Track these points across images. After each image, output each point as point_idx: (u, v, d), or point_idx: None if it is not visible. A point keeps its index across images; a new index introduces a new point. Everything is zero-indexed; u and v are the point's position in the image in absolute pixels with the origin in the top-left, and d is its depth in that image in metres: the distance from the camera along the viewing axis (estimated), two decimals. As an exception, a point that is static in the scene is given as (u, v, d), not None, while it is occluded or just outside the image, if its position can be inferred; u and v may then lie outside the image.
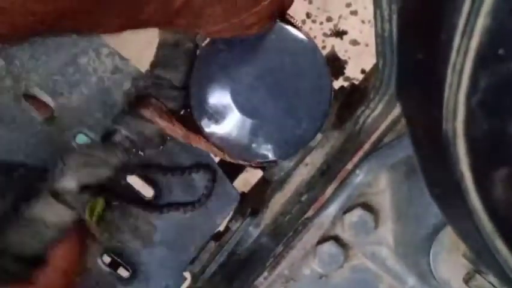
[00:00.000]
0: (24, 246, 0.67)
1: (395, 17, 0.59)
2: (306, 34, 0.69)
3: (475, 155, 0.35)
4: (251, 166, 0.81)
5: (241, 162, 0.74)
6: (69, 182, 0.66)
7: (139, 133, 0.69)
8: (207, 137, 0.68)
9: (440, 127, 0.36)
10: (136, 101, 0.69)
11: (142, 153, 0.74)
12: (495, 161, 0.34)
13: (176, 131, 0.68)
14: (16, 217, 0.67)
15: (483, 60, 0.32)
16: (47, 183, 0.67)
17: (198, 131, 0.69)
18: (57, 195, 0.66)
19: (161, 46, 0.69)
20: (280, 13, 0.68)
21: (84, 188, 0.67)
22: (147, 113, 0.68)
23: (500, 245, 0.36)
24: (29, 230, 0.67)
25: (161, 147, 0.73)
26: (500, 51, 0.31)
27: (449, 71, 0.34)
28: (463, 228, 0.42)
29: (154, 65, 0.69)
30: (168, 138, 0.72)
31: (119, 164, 0.69)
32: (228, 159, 0.71)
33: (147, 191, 0.76)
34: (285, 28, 0.68)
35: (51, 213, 0.66)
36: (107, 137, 0.70)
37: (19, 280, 0.68)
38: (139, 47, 0.72)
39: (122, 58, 0.74)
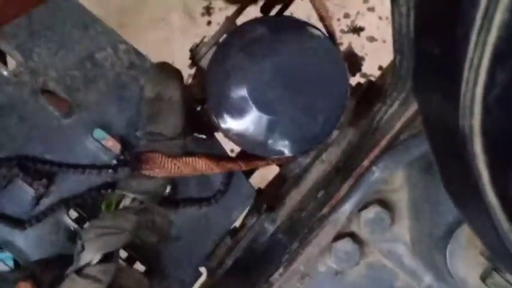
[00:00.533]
0: None
1: (412, 12, 0.59)
2: (330, 29, 0.69)
3: (492, 152, 0.35)
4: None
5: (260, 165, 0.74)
6: (89, 256, 0.67)
7: (146, 192, 0.69)
8: (224, 133, 0.69)
9: (457, 124, 0.36)
10: (135, 161, 0.70)
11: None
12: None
13: (183, 171, 0.69)
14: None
15: (501, 55, 0.32)
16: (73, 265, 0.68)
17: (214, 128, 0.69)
18: (80, 272, 0.67)
19: (145, 103, 0.70)
20: None
21: (105, 259, 0.67)
22: (149, 171, 0.68)
23: (516, 240, 0.36)
24: None
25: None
26: (473, 50, 0.31)
27: (466, 66, 0.34)
28: (479, 226, 0.42)
29: (142, 123, 0.70)
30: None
31: (133, 227, 0.70)
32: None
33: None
34: (301, 24, 0.68)
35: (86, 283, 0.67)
36: (116, 205, 0.70)
37: None
38: (157, 43, 0.72)
39: (139, 54, 0.75)
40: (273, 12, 0.71)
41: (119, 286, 0.70)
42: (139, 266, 0.77)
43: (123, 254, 0.76)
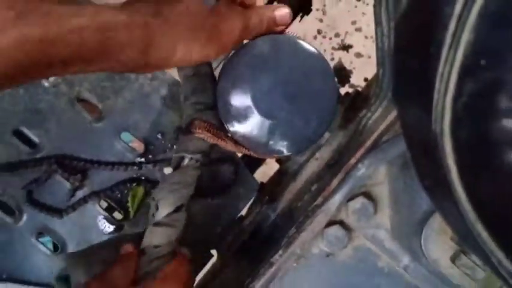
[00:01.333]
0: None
1: (392, 33, 0.58)
2: (316, 48, 0.69)
3: (460, 151, 0.35)
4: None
5: (261, 156, 0.74)
6: (165, 211, 0.67)
7: (200, 151, 0.69)
8: (231, 135, 0.68)
9: (430, 127, 0.36)
10: (187, 127, 0.69)
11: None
12: (477, 157, 0.34)
13: (222, 142, 0.68)
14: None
15: (467, 69, 0.32)
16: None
17: (224, 130, 0.69)
18: (158, 224, 0.67)
19: (185, 79, 0.70)
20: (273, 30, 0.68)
21: (176, 209, 0.68)
22: (200, 134, 0.68)
23: (481, 230, 0.35)
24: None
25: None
26: (482, 62, 0.31)
27: (438, 79, 0.34)
28: (449, 215, 0.41)
29: (187, 96, 0.69)
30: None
31: (195, 181, 0.70)
32: (253, 155, 0.71)
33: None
34: (298, 42, 0.67)
35: (156, 238, 0.67)
36: (177, 166, 0.70)
37: None
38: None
39: (159, 68, 0.75)
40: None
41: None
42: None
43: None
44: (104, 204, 0.78)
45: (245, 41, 0.69)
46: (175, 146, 0.75)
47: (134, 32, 0.53)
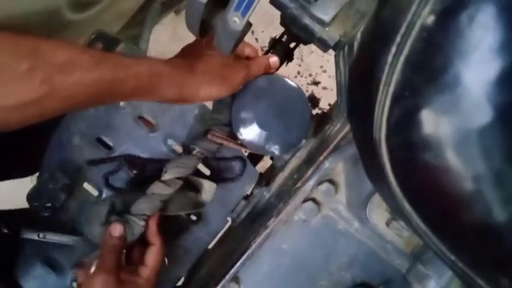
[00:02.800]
0: (144, 208, 0.67)
1: (347, 73, 0.58)
2: (297, 84, 0.69)
3: (392, 152, 0.35)
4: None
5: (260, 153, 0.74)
6: (168, 176, 0.67)
7: (207, 149, 0.70)
8: (240, 140, 0.69)
9: (371, 136, 0.36)
10: (205, 133, 0.70)
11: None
12: (403, 156, 0.34)
13: (230, 144, 0.69)
14: (143, 193, 0.68)
15: (396, 98, 0.32)
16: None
17: (235, 138, 0.69)
18: (164, 182, 0.68)
19: (214, 104, 0.71)
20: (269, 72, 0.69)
21: (177, 178, 0.68)
22: (214, 138, 0.69)
23: (405, 204, 0.35)
24: (149, 198, 0.68)
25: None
26: (406, 93, 0.31)
27: (377, 105, 0.34)
28: (385, 194, 0.41)
29: (212, 114, 0.70)
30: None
31: (196, 166, 0.70)
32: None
33: (206, 171, 0.76)
34: (284, 79, 0.68)
35: (160, 189, 0.67)
36: (188, 151, 0.71)
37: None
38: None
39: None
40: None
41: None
42: (193, 216, 0.76)
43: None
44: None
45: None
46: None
47: (174, 79, 0.55)
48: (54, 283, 0.76)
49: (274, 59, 0.68)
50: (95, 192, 0.77)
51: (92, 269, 0.62)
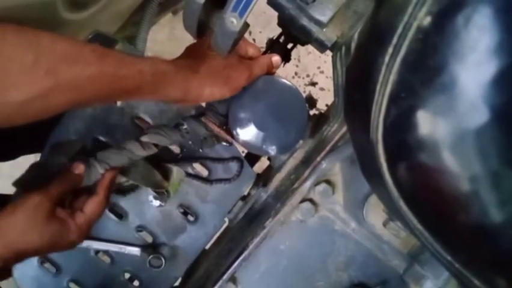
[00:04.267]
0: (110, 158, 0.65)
1: (344, 74, 0.58)
2: (294, 84, 0.69)
3: (389, 153, 0.35)
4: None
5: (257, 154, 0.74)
6: (147, 139, 0.66)
7: (193, 131, 0.69)
8: (238, 141, 0.68)
9: (368, 137, 0.36)
10: (198, 114, 0.70)
11: (201, 150, 0.74)
12: (399, 156, 0.34)
13: (221, 133, 0.68)
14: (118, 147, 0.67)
15: (393, 99, 0.32)
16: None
17: (229, 132, 0.69)
18: (140, 142, 0.66)
19: None
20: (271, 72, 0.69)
21: (154, 145, 0.67)
22: (206, 121, 0.68)
23: (402, 204, 0.35)
24: (118, 151, 0.66)
25: (214, 145, 0.73)
26: (402, 94, 0.31)
27: (373, 105, 0.34)
28: (381, 194, 0.41)
29: (211, 103, 0.70)
30: (217, 142, 0.73)
31: (175, 141, 0.69)
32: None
33: (203, 172, 0.76)
34: (281, 80, 0.68)
35: (134, 148, 0.66)
36: (176, 125, 0.69)
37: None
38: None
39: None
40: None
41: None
42: (190, 217, 0.76)
43: (180, 210, 0.76)
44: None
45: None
46: (201, 150, 0.75)
47: (178, 80, 0.55)
48: (51, 284, 0.76)
49: (276, 58, 0.68)
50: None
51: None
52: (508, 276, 0.31)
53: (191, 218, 0.76)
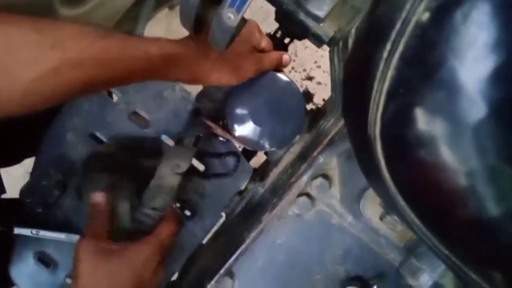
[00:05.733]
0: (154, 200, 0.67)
1: (341, 69, 0.58)
2: (291, 79, 0.69)
3: (386, 148, 0.35)
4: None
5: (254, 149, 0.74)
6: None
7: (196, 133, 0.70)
8: (234, 137, 0.69)
9: (366, 132, 0.36)
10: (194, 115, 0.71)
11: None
12: (397, 152, 0.34)
13: (218, 130, 0.69)
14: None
15: (390, 95, 0.32)
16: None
17: (229, 132, 0.69)
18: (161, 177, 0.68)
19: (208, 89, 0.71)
20: (278, 68, 0.68)
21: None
22: (209, 123, 0.70)
23: (399, 199, 0.36)
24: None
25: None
26: (400, 90, 0.31)
27: (371, 101, 0.34)
28: (378, 189, 0.41)
29: (202, 95, 0.71)
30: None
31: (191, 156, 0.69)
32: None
33: (200, 167, 0.76)
34: (278, 75, 0.68)
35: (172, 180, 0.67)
36: (179, 141, 0.71)
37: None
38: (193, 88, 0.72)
39: (186, 92, 0.74)
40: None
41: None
42: (187, 212, 0.76)
43: (177, 205, 0.76)
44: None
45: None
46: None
47: (186, 62, 0.54)
48: (48, 280, 0.76)
49: (286, 57, 0.68)
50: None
51: None
52: (504, 270, 0.31)
53: (188, 213, 0.76)
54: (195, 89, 0.74)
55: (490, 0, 0.27)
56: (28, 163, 0.76)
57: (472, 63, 0.27)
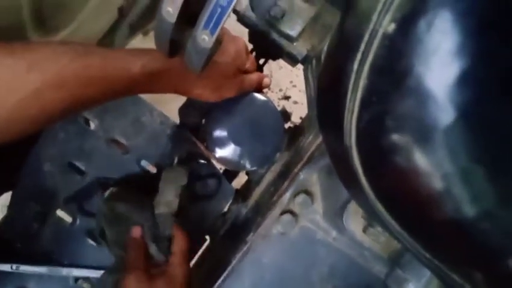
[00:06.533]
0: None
1: (315, 86, 0.60)
2: (269, 99, 0.70)
3: (363, 157, 0.36)
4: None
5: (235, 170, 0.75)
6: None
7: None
8: (215, 158, 0.69)
9: (342, 144, 0.36)
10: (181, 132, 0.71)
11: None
12: (374, 160, 0.35)
13: (203, 147, 0.70)
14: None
15: (364, 104, 0.33)
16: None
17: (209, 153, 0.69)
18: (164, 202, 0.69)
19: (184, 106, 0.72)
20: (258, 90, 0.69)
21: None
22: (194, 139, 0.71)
23: (379, 206, 0.36)
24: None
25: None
26: (373, 99, 0.32)
27: (346, 112, 0.35)
28: (359, 199, 0.42)
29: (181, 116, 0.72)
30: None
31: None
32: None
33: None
34: (256, 96, 0.69)
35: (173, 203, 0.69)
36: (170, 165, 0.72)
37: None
38: (176, 109, 0.73)
39: (164, 116, 0.75)
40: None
41: None
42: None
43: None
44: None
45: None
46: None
47: (169, 75, 0.56)
48: None
49: (267, 80, 0.70)
50: (69, 219, 0.76)
51: None
52: (484, 270, 0.32)
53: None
54: (174, 115, 0.75)
55: (452, 8, 0.28)
56: (5, 196, 0.75)
57: (437, 70, 0.29)
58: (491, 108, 0.29)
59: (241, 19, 0.68)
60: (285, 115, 0.79)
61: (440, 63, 0.29)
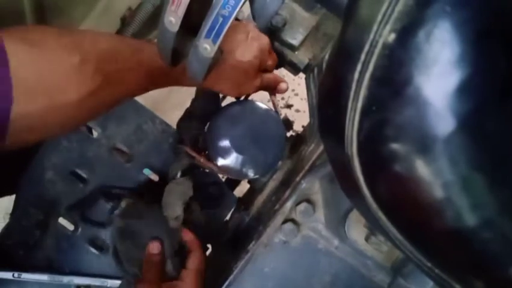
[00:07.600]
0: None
1: (316, 94, 0.60)
2: (271, 108, 0.70)
3: (364, 166, 0.36)
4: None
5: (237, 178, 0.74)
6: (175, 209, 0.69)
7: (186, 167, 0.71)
8: (217, 166, 0.69)
9: (343, 152, 0.37)
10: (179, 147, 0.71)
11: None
12: (375, 169, 0.35)
13: (202, 161, 0.70)
14: None
15: (364, 113, 0.33)
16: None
17: (212, 162, 0.69)
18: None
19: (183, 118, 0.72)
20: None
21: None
22: (188, 150, 0.71)
23: (381, 215, 0.36)
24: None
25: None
26: (373, 108, 0.32)
27: (347, 121, 0.35)
28: (361, 208, 0.42)
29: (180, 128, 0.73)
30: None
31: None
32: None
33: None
34: (259, 105, 0.69)
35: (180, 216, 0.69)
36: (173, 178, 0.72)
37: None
38: (177, 119, 0.73)
39: (167, 124, 0.75)
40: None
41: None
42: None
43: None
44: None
45: (223, 103, 0.70)
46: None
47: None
48: None
49: (283, 85, 0.70)
50: (70, 227, 0.76)
51: None
52: (485, 278, 0.32)
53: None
54: (175, 120, 0.75)
55: (451, 18, 0.29)
56: (7, 204, 0.75)
57: (437, 79, 0.29)
58: (490, 117, 0.29)
59: (243, 28, 0.69)
60: (287, 123, 0.80)
61: (440, 72, 0.29)
